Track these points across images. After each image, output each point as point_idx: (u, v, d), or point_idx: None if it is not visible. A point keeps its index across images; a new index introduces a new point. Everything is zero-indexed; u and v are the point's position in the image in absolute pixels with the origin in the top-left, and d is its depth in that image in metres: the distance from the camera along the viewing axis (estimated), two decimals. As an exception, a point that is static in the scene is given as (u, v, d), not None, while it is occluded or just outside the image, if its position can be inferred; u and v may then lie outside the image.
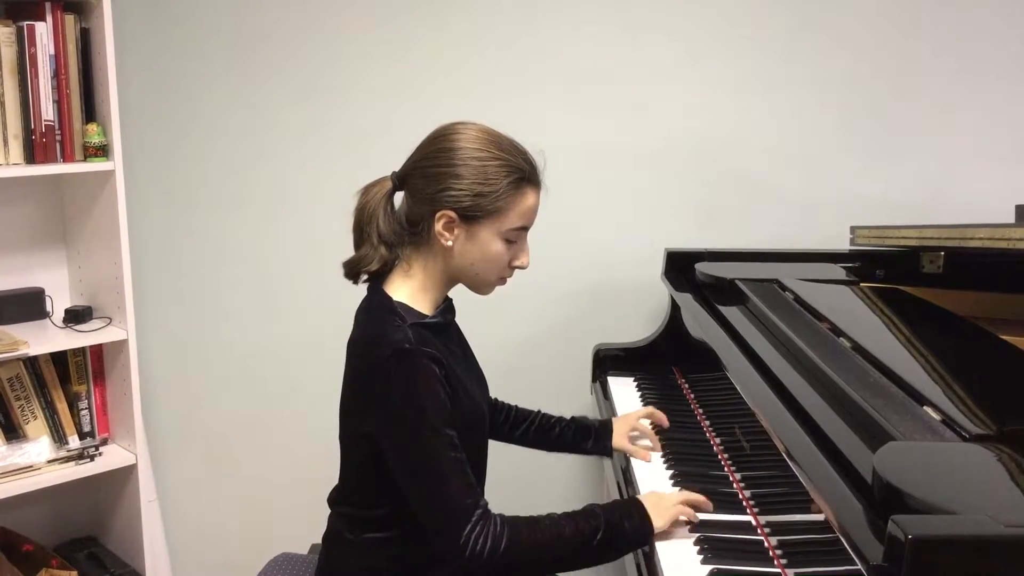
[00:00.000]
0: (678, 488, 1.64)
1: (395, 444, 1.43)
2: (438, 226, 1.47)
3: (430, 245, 1.50)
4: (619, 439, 1.83)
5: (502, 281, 1.55)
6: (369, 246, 1.51)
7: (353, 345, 1.52)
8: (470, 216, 1.46)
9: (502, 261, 1.51)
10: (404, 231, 1.51)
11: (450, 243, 1.48)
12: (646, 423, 1.87)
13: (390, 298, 1.49)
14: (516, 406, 1.87)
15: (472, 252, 1.49)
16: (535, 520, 1.43)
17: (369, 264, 1.51)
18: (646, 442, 1.83)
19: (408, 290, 1.51)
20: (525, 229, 1.51)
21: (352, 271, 1.54)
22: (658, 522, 1.46)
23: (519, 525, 1.41)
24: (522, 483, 2.51)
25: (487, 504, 1.42)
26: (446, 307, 1.57)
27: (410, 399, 1.40)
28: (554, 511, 1.46)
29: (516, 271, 1.55)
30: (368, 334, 1.49)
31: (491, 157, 1.46)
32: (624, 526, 1.45)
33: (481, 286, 1.55)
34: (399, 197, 1.54)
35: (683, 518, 1.49)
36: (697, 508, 1.52)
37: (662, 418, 1.88)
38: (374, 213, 1.51)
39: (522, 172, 1.47)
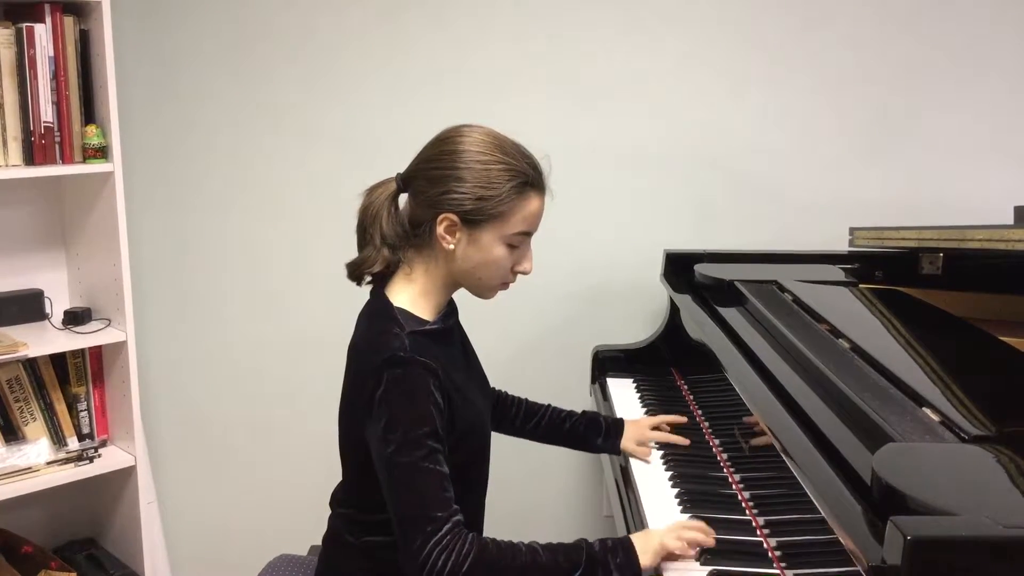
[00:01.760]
0: (680, 503, 1.62)
1: (377, 450, 1.42)
2: (440, 229, 1.46)
3: (432, 248, 1.50)
4: (627, 442, 1.83)
5: (504, 286, 1.54)
6: (372, 247, 1.51)
7: (352, 350, 1.52)
8: (472, 220, 1.45)
9: (504, 266, 1.50)
10: (407, 233, 1.51)
11: (452, 247, 1.47)
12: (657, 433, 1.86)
13: (390, 304, 1.49)
14: (526, 399, 1.87)
15: (474, 256, 1.48)
16: (512, 546, 1.38)
17: (372, 266, 1.50)
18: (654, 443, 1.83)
19: (409, 295, 1.51)
20: (528, 234, 1.50)
21: (355, 272, 1.54)
22: (645, 560, 1.39)
23: (489, 547, 1.36)
24: (523, 483, 2.51)
25: (461, 522, 1.37)
26: (448, 311, 1.57)
27: (395, 408, 1.39)
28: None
29: (519, 276, 1.54)
30: (366, 340, 1.49)
31: (494, 161, 1.45)
32: (609, 566, 1.37)
33: (483, 291, 1.54)
34: (404, 199, 1.54)
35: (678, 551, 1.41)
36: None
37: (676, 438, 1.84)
38: (378, 214, 1.50)
39: (526, 177, 1.46)
